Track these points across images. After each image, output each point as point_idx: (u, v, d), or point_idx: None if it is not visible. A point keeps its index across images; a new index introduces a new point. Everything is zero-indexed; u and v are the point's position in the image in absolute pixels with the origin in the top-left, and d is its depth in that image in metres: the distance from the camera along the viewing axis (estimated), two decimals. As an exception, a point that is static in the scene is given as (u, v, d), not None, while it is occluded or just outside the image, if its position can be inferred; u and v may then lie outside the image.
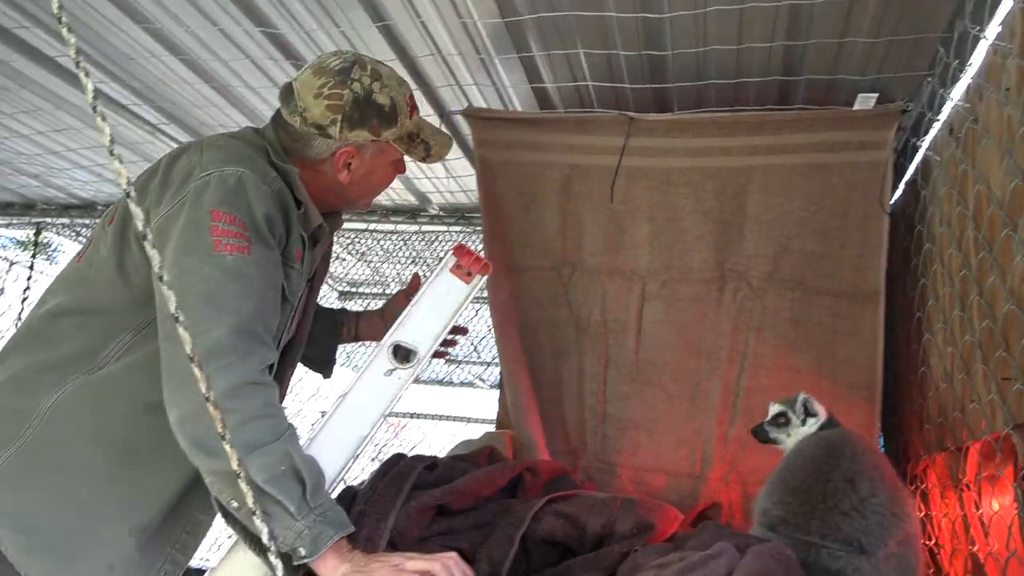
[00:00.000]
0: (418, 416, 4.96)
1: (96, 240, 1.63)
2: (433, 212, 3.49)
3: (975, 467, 1.70)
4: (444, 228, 3.48)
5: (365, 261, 3.79)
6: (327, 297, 4.40)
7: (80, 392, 1.53)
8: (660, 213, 2.15)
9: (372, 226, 3.62)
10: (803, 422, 1.62)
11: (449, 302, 1.90)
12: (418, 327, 1.87)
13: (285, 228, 1.64)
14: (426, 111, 2.47)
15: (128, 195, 1.33)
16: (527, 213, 2.23)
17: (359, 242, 3.72)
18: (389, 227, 3.60)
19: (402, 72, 2.28)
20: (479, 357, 4.78)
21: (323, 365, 2.02)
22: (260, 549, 1.45)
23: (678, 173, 2.16)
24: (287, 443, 1.43)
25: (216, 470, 1.36)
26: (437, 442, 4.85)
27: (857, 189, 2.03)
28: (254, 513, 1.35)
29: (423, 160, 1.79)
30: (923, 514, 2.12)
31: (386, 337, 1.84)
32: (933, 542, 2.03)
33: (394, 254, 3.72)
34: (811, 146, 2.07)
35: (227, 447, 1.31)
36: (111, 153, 1.36)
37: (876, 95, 2.07)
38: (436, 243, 3.61)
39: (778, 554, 1.16)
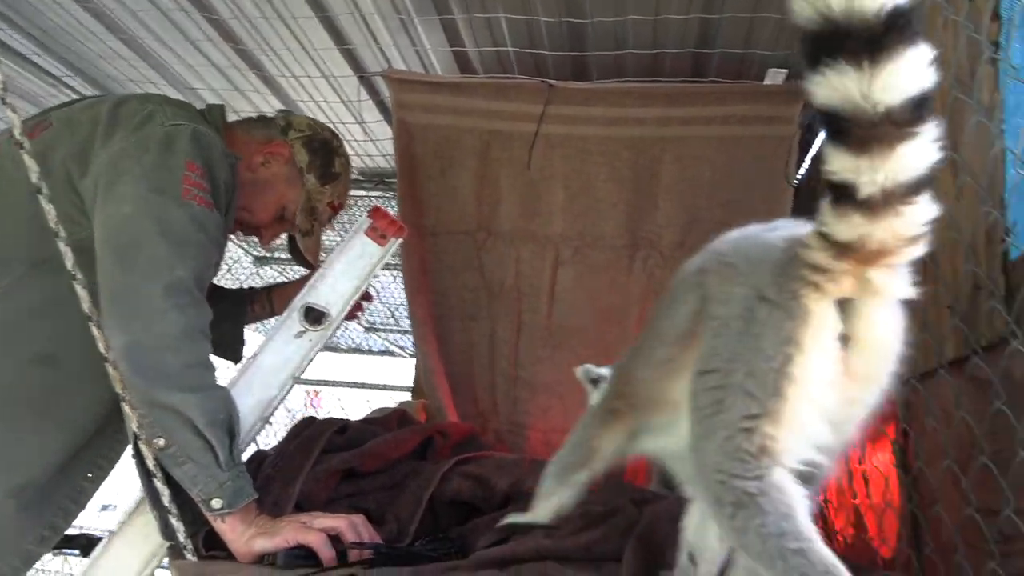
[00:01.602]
0: (335, 384, 4.91)
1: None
2: (360, 178, 3.43)
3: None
4: (363, 193, 3.42)
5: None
6: (241, 262, 4.30)
7: None
8: (575, 180, 2.18)
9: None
10: None
11: (362, 264, 1.89)
12: (330, 289, 1.85)
13: (227, 204, 1.67)
14: (345, 71, 2.43)
15: (22, 147, 1.27)
16: (444, 177, 2.22)
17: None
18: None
19: (320, 31, 2.24)
20: (397, 324, 4.75)
21: (229, 349, 1.97)
22: (160, 506, 1.43)
23: (595, 141, 2.18)
24: (225, 394, 1.46)
25: (155, 402, 1.35)
26: (354, 411, 4.83)
27: (764, 162, 2.10)
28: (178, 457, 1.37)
29: (298, 236, 1.85)
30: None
31: (297, 299, 1.81)
32: (822, 498, 2.14)
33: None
34: (723, 119, 2.12)
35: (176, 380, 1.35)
36: (3, 102, 1.31)
37: (786, 71, 2.14)
38: (355, 208, 3.54)
39: (669, 513, 1.21)
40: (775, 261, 0.82)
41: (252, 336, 2.32)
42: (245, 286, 3.31)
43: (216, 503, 1.38)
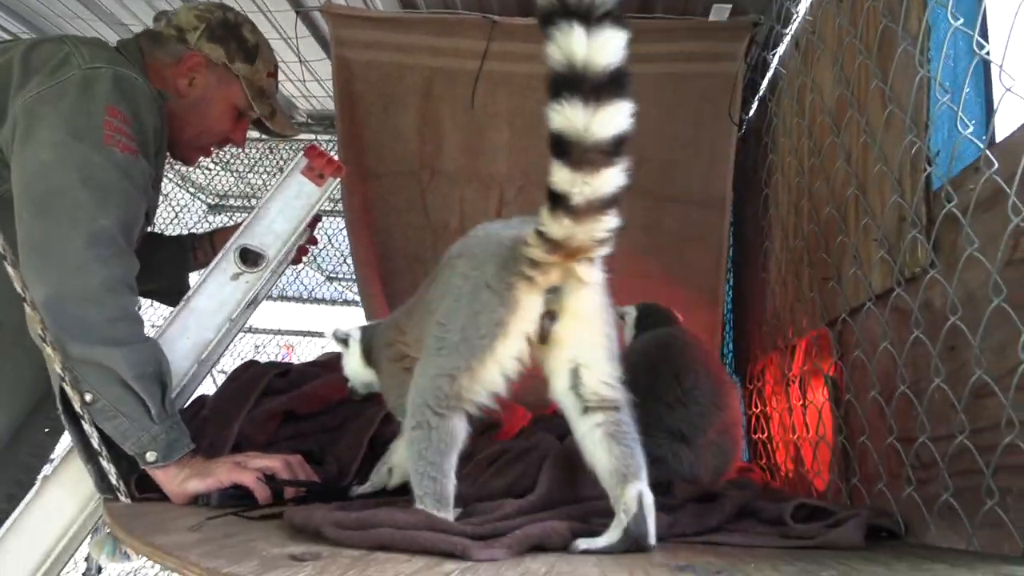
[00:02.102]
0: (310, 335, 4.84)
1: None
2: (300, 120, 3.35)
3: (799, 363, 1.83)
4: (312, 136, 3.34)
5: (230, 171, 3.61)
6: (194, 209, 4.20)
7: None
8: (519, 119, 2.14)
9: (236, 134, 3.44)
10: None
11: (300, 204, 1.85)
12: (267, 230, 1.81)
13: (157, 149, 1.62)
14: (283, 6, 2.34)
15: None
16: (386, 115, 2.17)
17: (224, 151, 3.53)
18: (254, 135, 3.43)
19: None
20: (352, 273, 4.69)
21: (173, 296, 1.94)
22: (91, 456, 1.41)
23: (539, 78, 2.10)
24: (154, 346, 1.43)
25: (81, 357, 1.32)
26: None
27: (710, 100, 2.08)
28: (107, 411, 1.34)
29: (265, 121, 1.81)
30: (759, 411, 2.29)
31: (231, 240, 1.77)
32: (765, 435, 2.19)
33: (260, 163, 3.56)
34: (668, 56, 2.09)
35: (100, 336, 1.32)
36: None
37: (730, 6, 2.10)
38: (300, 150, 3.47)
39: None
40: (502, 256, 1.02)
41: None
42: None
43: (151, 456, 1.36)
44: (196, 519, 1.21)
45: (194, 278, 1.90)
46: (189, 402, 2.07)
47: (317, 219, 2.14)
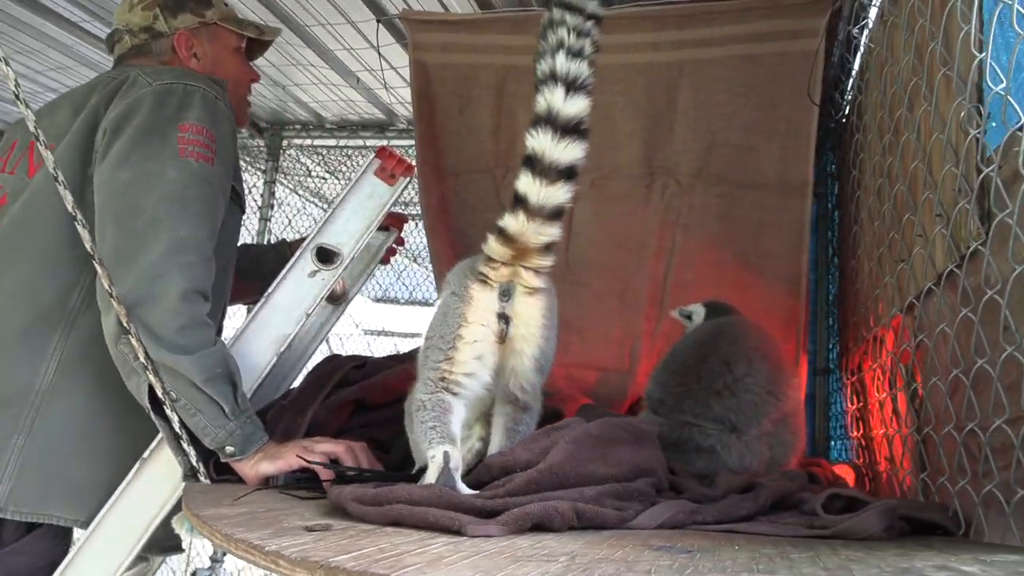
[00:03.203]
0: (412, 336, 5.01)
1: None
2: (401, 126, 3.48)
3: (884, 353, 1.71)
4: (412, 142, 3.46)
5: (337, 178, 3.80)
6: (307, 213, 4.44)
7: None
8: (592, 111, 2.11)
9: (342, 142, 3.63)
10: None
11: (372, 204, 1.93)
12: (341, 229, 1.90)
13: (234, 155, 1.74)
14: (364, 15, 2.44)
15: (39, 140, 1.35)
16: (462, 116, 2.21)
17: (330, 159, 3.73)
18: (358, 143, 3.61)
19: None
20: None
21: None
22: (178, 443, 1.53)
23: (611, 70, 2.12)
24: (221, 348, 1.52)
25: (161, 362, 1.43)
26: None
27: (784, 80, 1.99)
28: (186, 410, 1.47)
29: (260, 37, 1.90)
30: (856, 406, 2.15)
31: (308, 239, 1.87)
32: (861, 433, 2.05)
33: (366, 168, 3.72)
34: (740, 37, 2.02)
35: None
36: (17, 98, 1.37)
37: (809, -20, 2.00)
38: (409, 157, 3.60)
39: (629, 425, 1.20)
40: (467, 268, 1.28)
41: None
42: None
43: (229, 450, 1.48)
44: (251, 498, 1.30)
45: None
46: (279, 394, 2.22)
47: (404, 220, 2.23)
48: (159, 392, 1.46)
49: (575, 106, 1.21)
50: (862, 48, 2.14)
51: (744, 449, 1.33)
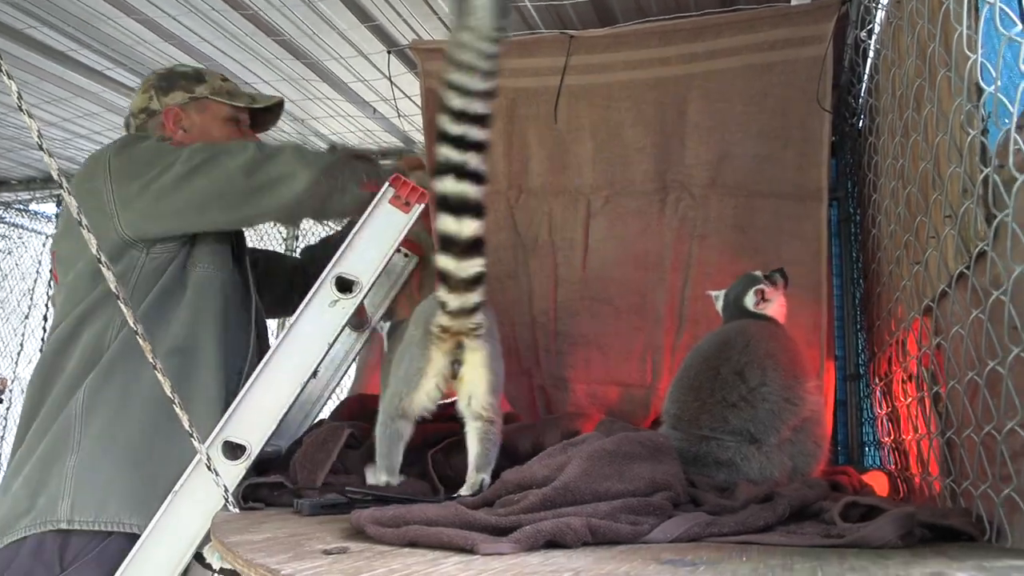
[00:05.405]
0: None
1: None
2: (419, 151, 3.53)
3: (908, 356, 1.69)
4: (431, 166, 3.51)
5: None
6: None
7: None
8: (602, 129, 2.14)
9: (364, 170, 3.68)
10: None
11: (389, 232, 1.95)
12: (359, 258, 1.93)
13: None
14: (375, 48, 2.50)
15: (67, 191, 1.47)
16: (473, 140, 2.24)
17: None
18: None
19: (342, 7, 2.32)
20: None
21: None
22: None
23: (619, 87, 2.14)
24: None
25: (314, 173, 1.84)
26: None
27: (797, 87, 1.99)
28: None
29: (251, 105, 2.05)
30: (885, 412, 2.12)
31: (327, 269, 1.91)
32: (892, 439, 2.02)
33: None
34: (751, 47, 2.02)
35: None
36: (40, 147, 1.45)
37: (813, -13, 2.01)
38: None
39: (647, 439, 1.20)
40: (426, 321, 1.54)
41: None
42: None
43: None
44: (276, 524, 1.32)
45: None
46: (307, 423, 2.25)
47: (422, 248, 2.26)
48: (167, 390, 1.57)
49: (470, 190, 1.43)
50: (871, 51, 2.13)
51: (764, 460, 1.32)
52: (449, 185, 1.41)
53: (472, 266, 1.43)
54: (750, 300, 1.63)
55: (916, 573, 0.60)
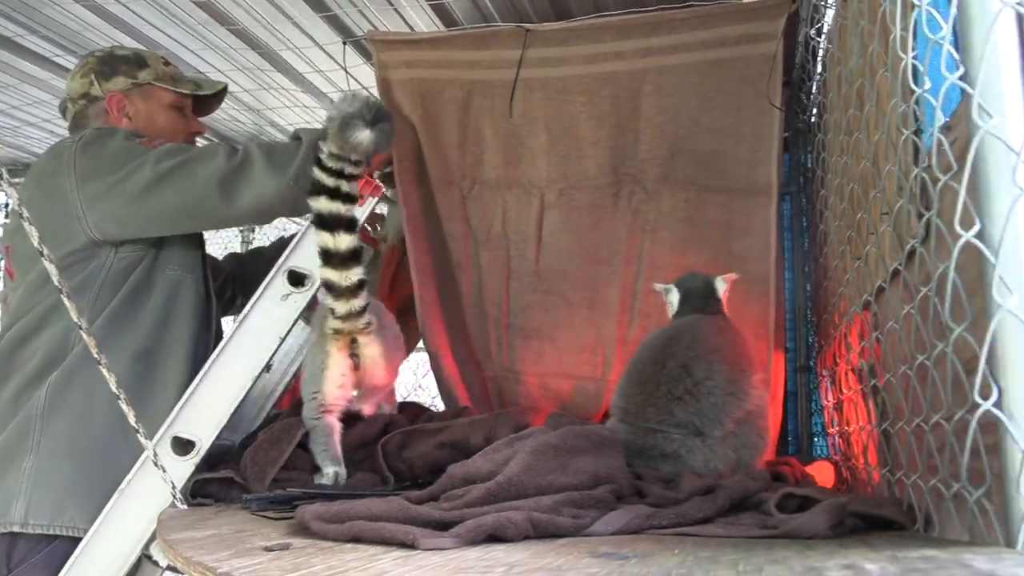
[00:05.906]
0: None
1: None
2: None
3: (849, 350, 1.73)
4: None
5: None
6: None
7: None
8: (557, 123, 2.15)
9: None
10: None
11: (341, 224, 1.94)
12: (311, 252, 1.92)
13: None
14: (331, 38, 2.47)
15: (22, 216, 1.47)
16: (427, 130, 2.23)
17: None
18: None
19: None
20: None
21: None
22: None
23: (574, 81, 2.14)
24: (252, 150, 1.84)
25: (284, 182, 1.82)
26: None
27: (749, 83, 2.01)
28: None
29: (195, 92, 2.04)
30: (831, 403, 2.17)
31: (279, 263, 1.89)
32: (838, 430, 2.07)
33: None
34: (705, 43, 2.04)
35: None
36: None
37: (767, -16, 2.03)
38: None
39: (591, 433, 1.22)
40: (321, 324, 1.73)
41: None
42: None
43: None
44: (223, 520, 1.31)
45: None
46: (262, 415, 2.23)
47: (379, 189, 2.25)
48: (112, 387, 1.56)
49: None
50: (821, 49, 2.17)
51: (709, 452, 1.35)
52: (323, 204, 1.63)
53: (353, 275, 1.63)
54: (721, 286, 1.69)
55: (831, 564, 0.62)
